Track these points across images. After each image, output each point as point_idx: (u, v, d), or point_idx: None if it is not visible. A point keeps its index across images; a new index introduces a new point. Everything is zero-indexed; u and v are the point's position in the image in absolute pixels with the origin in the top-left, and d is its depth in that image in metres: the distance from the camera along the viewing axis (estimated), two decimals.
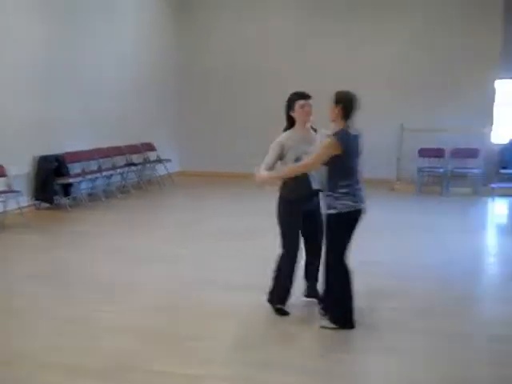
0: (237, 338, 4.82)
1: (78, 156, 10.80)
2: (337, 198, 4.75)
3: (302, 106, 5.09)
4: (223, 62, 14.33)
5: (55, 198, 10.26)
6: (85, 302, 5.58)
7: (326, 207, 4.87)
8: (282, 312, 5.28)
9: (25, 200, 9.58)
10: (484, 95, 12.70)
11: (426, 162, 12.59)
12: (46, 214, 9.90)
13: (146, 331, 4.89)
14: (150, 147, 13.16)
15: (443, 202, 11.45)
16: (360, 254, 5.76)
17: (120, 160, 12.16)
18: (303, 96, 5.10)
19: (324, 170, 4.85)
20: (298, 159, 5.04)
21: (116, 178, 12.01)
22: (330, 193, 4.80)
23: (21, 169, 9.66)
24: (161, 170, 13.22)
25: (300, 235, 5.24)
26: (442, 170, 12.41)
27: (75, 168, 10.73)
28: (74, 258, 7.17)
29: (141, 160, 12.77)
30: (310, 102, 5.11)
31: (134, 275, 6.45)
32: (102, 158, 11.52)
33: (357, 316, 5.01)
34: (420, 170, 12.40)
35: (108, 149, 11.77)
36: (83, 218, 9.77)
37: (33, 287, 6.05)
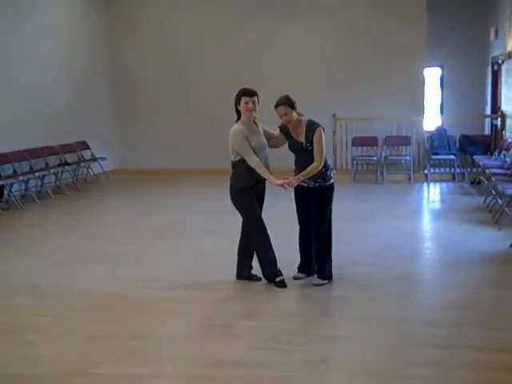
0: (181, 335, 4.78)
1: (9, 157, 10.48)
2: (330, 171, 5.73)
3: (246, 103, 5.50)
4: (156, 56, 14.14)
5: None
6: (20, 308, 5.43)
7: (322, 181, 5.60)
8: (283, 284, 5.64)
9: None
10: (414, 83, 12.97)
11: (360, 151, 12.79)
12: None
13: (88, 334, 4.80)
14: (84, 146, 12.89)
15: (379, 190, 11.67)
16: (297, 242, 5.84)
17: (53, 160, 11.88)
18: (248, 93, 5.53)
19: (305, 155, 5.57)
20: (254, 151, 5.51)
21: (50, 179, 11.71)
22: (324, 168, 5.59)
23: None
24: (96, 168, 12.99)
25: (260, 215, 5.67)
26: (375, 158, 12.63)
27: (6, 169, 10.43)
28: (7, 263, 6.97)
29: (75, 159, 12.52)
30: (255, 98, 5.53)
31: (71, 278, 6.31)
32: (34, 158, 11.21)
33: (298, 306, 5.07)
34: (354, 158, 12.60)
35: (40, 149, 11.46)
36: (16, 221, 9.51)
37: None
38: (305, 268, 5.89)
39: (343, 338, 4.62)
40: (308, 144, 5.56)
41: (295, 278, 5.86)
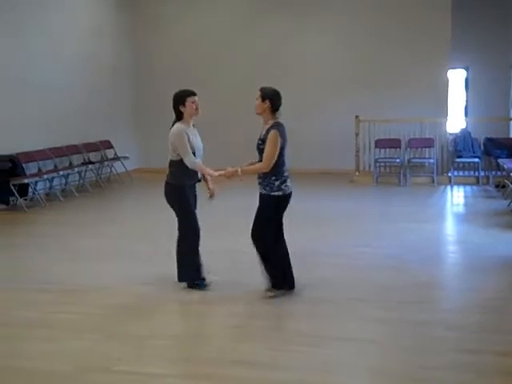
0: (198, 335, 4.81)
1: (34, 156, 10.61)
2: (282, 182, 5.28)
3: (194, 102, 5.56)
4: (180, 57, 14.24)
5: (11, 199, 10.07)
6: (43, 305, 5.49)
7: (268, 190, 5.29)
8: (201, 286, 5.68)
9: None
10: (438, 85, 12.89)
11: (383, 153, 12.73)
12: (1, 215, 9.71)
13: (108, 331, 4.84)
14: (107, 145, 13.00)
15: (402, 192, 11.58)
16: (321, 245, 5.81)
17: (77, 159, 12.00)
18: (194, 93, 5.60)
19: (260, 155, 5.30)
20: (193, 152, 5.55)
21: (74, 177, 11.84)
22: (274, 178, 5.26)
23: None
24: (119, 167, 13.08)
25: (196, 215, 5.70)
26: (398, 161, 12.55)
27: (31, 168, 10.55)
28: (31, 260, 7.04)
29: (98, 158, 12.63)
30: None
31: (92, 275, 6.36)
32: (58, 157, 11.34)
33: (317, 306, 5.06)
34: (377, 160, 12.53)
35: (65, 147, 11.59)
36: (41, 218, 9.61)
37: None
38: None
39: (362, 341, 4.58)
40: (260, 142, 5.34)
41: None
